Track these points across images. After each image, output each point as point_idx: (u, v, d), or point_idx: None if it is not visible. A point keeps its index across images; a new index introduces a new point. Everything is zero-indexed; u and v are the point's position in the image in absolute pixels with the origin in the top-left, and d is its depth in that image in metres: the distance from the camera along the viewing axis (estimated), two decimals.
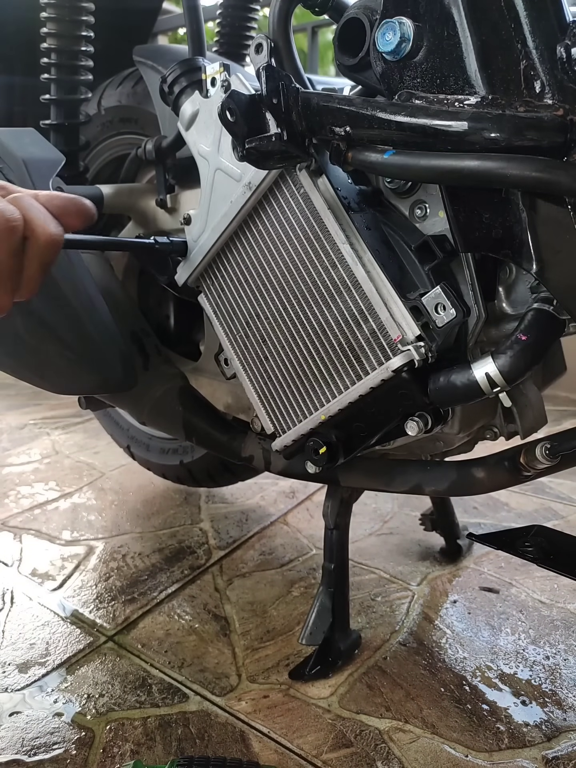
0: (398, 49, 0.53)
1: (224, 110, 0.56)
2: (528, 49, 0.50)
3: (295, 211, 0.65)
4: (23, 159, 0.81)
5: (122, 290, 0.96)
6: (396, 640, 0.92)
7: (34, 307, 0.85)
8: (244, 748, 0.74)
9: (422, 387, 0.60)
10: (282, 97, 0.54)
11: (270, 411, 0.75)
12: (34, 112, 1.06)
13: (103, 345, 0.82)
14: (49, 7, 0.92)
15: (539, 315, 0.55)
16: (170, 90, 0.79)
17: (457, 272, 0.60)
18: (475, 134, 0.48)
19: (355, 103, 0.53)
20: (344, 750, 0.73)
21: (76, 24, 0.94)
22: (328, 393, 0.68)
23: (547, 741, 0.75)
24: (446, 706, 0.80)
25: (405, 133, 0.50)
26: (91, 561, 1.15)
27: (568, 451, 0.60)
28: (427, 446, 0.75)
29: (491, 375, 0.56)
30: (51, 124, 0.98)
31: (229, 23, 1.14)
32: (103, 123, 1.09)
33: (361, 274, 0.61)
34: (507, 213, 0.52)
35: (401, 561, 1.13)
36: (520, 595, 1.03)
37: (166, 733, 0.76)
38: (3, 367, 0.97)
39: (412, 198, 0.63)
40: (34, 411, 2.04)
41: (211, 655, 0.89)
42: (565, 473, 1.42)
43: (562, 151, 0.47)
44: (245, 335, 0.74)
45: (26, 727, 0.77)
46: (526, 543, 0.65)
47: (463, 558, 1.14)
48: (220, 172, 0.71)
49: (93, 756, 0.73)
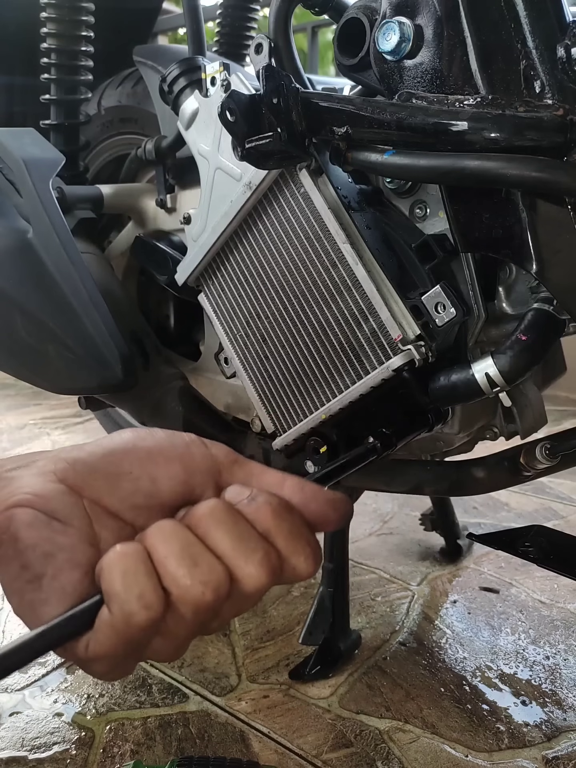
0: (398, 49, 0.53)
1: (224, 110, 0.56)
2: (528, 49, 0.50)
3: (296, 210, 0.65)
4: (23, 159, 0.81)
5: (122, 290, 0.96)
6: (396, 640, 0.92)
7: (34, 307, 0.85)
8: (244, 748, 0.74)
9: (423, 386, 0.60)
10: (282, 97, 0.54)
11: (270, 410, 0.75)
12: (34, 112, 1.06)
13: (103, 345, 0.82)
14: (49, 7, 0.92)
15: (539, 315, 0.55)
16: (170, 89, 0.79)
17: (457, 272, 0.60)
18: (475, 134, 0.47)
19: (355, 103, 0.53)
20: (344, 750, 0.73)
21: (76, 24, 0.94)
22: (328, 392, 0.68)
23: (547, 741, 0.75)
24: (446, 706, 0.80)
25: (405, 133, 0.50)
26: None
27: (568, 451, 0.60)
28: (427, 446, 0.75)
29: (491, 375, 0.56)
30: (51, 124, 0.98)
31: (229, 23, 1.14)
32: (103, 123, 1.09)
33: (362, 273, 0.61)
34: (507, 213, 0.52)
35: (401, 561, 1.13)
36: (520, 595, 1.03)
37: (166, 733, 0.76)
38: (3, 367, 0.97)
39: (412, 198, 0.63)
40: (34, 411, 2.04)
41: (211, 655, 0.89)
42: (565, 473, 1.42)
43: (562, 151, 0.47)
44: (245, 334, 0.74)
45: (26, 727, 0.77)
46: (526, 543, 0.65)
47: (463, 558, 1.14)
48: (220, 172, 0.71)
49: (93, 756, 0.73)
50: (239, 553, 0.34)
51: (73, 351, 0.83)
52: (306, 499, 0.39)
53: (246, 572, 0.34)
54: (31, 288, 0.84)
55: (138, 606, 0.32)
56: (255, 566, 0.34)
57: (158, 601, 0.33)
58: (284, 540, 0.36)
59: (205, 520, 0.35)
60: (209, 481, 0.39)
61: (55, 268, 0.82)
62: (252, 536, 0.35)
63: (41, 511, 0.35)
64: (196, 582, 0.33)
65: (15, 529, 0.34)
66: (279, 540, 0.36)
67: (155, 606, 0.33)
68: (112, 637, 0.33)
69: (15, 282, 0.85)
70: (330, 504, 0.39)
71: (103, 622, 0.33)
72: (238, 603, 0.36)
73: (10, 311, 0.87)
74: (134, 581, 0.33)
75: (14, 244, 0.84)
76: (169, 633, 0.35)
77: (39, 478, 0.37)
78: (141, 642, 0.34)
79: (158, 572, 0.34)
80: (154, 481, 0.38)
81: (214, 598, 0.33)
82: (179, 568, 0.33)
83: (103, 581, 0.34)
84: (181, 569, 0.33)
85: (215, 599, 0.34)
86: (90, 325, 0.81)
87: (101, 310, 0.82)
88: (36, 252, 0.82)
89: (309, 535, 0.38)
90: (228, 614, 0.36)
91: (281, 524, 0.36)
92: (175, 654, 0.36)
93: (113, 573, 0.33)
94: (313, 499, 0.39)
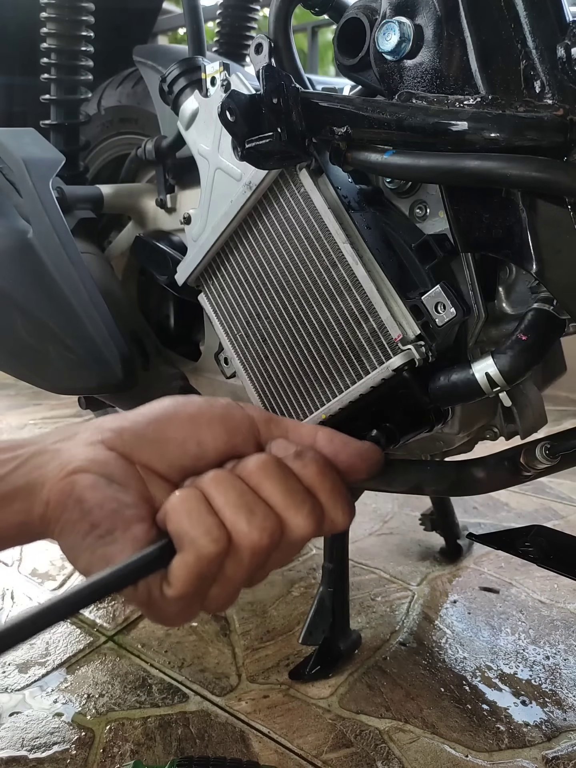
0: (398, 49, 0.53)
1: (224, 110, 0.56)
2: (528, 49, 0.50)
3: (296, 210, 0.65)
4: (23, 159, 0.81)
5: (122, 290, 0.96)
6: (396, 640, 0.92)
7: (34, 307, 0.85)
8: (244, 748, 0.74)
9: (423, 386, 0.60)
10: (282, 97, 0.54)
11: (270, 410, 0.75)
12: (34, 112, 1.06)
13: (103, 345, 0.82)
14: (49, 7, 0.92)
15: (539, 315, 0.55)
16: (170, 89, 0.79)
17: (457, 272, 0.60)
18: (475, 134, 0.47)
19: (355, 103, 0.53)
20: (344, 750, 0.73)
21: (76, 24, 0.94)
22: (328, 392, 0.68)
23: (547, 741, 0.75)
24: (446, 706, 0.80)
25: (405, 133, 0.50)
26: None
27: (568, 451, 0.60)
28: (427, 446, 0.75)
29: (491, 375, 0.56)
30: (51, 124, 0.98)
31: (229, 23, 1.14)
32: (103, 123, 1.09)
33: (362, 273, 0.61)
34: (507, 213, 0.52)
35: (401, 561, 1.13)
36: (520, 595, 1.03)
37: (166, 733, 0.76)
38: (3, 367, 0.97)
39: (412, 198, 0.63)
40: (34, 411, 2.04)
41: (211, 655, 0.89)
42: (565, 473, 1.42)
43: (562, 151, 0.47)
44: (246, 334, 0.74)
45: (26, 727, 0.77)
46: (526, 543, 0.65)
47: (463, 558, 1.14)
48: (220, 172, 0.71)
49: (93, 756, 0.73)
50: (290, 505, 0.38)
51: (73, 351, 0.83)
52: (336, 449, 0.42)
53: (295, 522, 0.38)
54: (31, 288, 0.84)
55: (206, 540, 0.35)
56: (303, 517, 0.38)
57: (223, 536, 0.36)
58: (326, 495, 0.39)
59: (257, 472, 0.38)
60: (250, 438, 0.42)
61: (55, 268, 0.82)
62: (300, 490, 0.39)
63: (100, 475, 0.37)
64: (254, 528, 0.36)
65: (79, 492, 0.37)
66: (322, 494, 0.39)
67: (221, 540, 0.36)
68: (184, 575, 0.35)
69: (15, 282, 0.85)
70: (358, 454, 0.43)
71: (175, 562, 0.36)
72: (284, 551, 0.39)
73: (10, 311, 0.87)
74: (199, 519, 0.36)
75: (14, 244, 0.84)
76: (225, 580, 0.37)
77: (89, 448, 0.39)
78: (209, 579, 0.37)
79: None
80: (199, 444, 0.40)
81: (270, 543, 0.37)
82: (238, 514, 0.36)
83: (170, 523, 0.36)
84: (240, 516, 0.36)
85: (270, 544, 0.37)
86: (90, 325, 0.81)
87: (101, 310, 0.82)
88: (36, 252, 0.82)
89: (346, 490, 0.41)
90: (275, 562, 0.40)
91: (324, 481, 0.40)
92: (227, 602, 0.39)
93: (180, 514, 0.36)
94: (343, 449, 0.42)
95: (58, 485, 0.37)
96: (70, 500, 0.37)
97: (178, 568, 0.36)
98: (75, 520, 0.37)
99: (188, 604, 0.37)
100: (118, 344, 0.82)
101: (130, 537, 0.36)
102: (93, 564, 0.36)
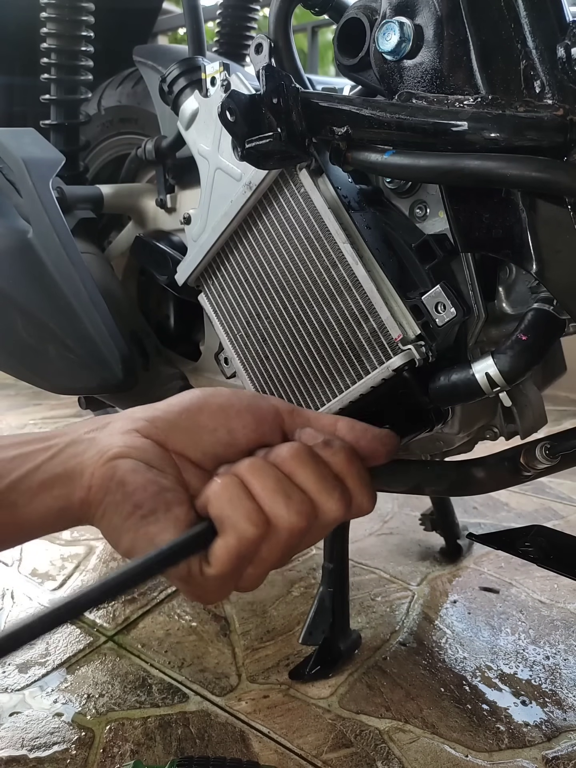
0: (398, 49, 0.53)
1: (224, 110, 0.56)
2: (528, 49, 0.50)
3: (296, 210, 0.65)
4: (23, 159, 0.81)
5: (122, 290, 0.96)
6: (396, 640, 0.92)
7: (34, 307, 0.85)
8: (244, 748, 0.74)
9: (423, 386, 0.60)
10: (282, 97, 0.54)
11: None
12: (34, 112, 1.06)
13: (103, 345, 0.82)
14: (49, 7, 0.92)
15: (539, 315, 0.55)
16: (170, 89, 0.79)
17: (457, 272, 0.60)
18: (475, 134, 0.47)
19: (355, 103, 0.53)
20: (344, 750, 0.73)
21: (76, 24, 0.94)
22: (329, 392, 0.68)
23: (547, 741, 0.75)
24: (446, 706, 0.80)
25: (405, 133, 0.50)
26: (91, 561, 1.15)
27: (568, 451, 0.60)
28: (427, 446, 0.75)
29: (491, 375, 0.56)
30: (51, 124, 0.98)
31: (229, 23, 1.14)
32: (103, 123, 1.09)
33: (362, 273, 0.61)
34: (507, 213, 0.52)
35: (401, 561, 1.13)
36: (520, 595, 1.03)
37: (166, 733, 0.76)
38: (3, 367, 0.97)
39: (412, 198, 0.63)
40: (34, 411, 2.04)
41: (211, 655, 0.89)
42: (565, 473, 1.42)
43: (562, 151, 0.47)
44: (246, 334, 0.74)
45: (26, 727, 0.77)
46: (526, 543, 0.65)
47: (463, 558, 1.14)
48: (220, 172, 0.71)
49: (93, 756, 0.73)
50: (322, 490, 0.40)
51: (73, 351, 0.83)
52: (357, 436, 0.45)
53: (328, 506, 0.40)
54: (32, 288, 0.84)
55: (247, 524, 0.38)
56: (335, 502, 0.41)
57: (263, 520, 0.38)
58: (354, 480, 0.42)
59: (291, 460, 0.41)
60: (276, 427, 0.45)
61: (55, 268, 0.82)
62: (330, 476, 0.41)
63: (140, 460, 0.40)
64: (292, 512, 0.39)
65: (121, 476, 0.39)
66: (349, 480, 0.42)
67: (261, 524, 0.38)
68: (225, 555, 0.38)
69: (15, 282, 0.85)
70: (378, 440, 0.46)
71: (217, 544, 0.38)
72: (315, 534, 0.42)
73: (10, 311, 0.87)
74: (240, 504, 0.38)
75: (14, 244, 0.84)
76: (260, 561, 0.40)
77: (125, 436, 0.41)
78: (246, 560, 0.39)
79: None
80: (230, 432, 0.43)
81: (306, 525, 0.39)
82: (276, 500, 0.39)
83: (212, 507, 0.39)
84: (278, 501, 0.39)
85: (307, 526, 0.40)
86: (90, 326, 0.81)
87: (101, 310, 0.82)
88: (36, 252, 0.82)
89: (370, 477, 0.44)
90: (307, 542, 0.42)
91: (352, 467, 0.43)
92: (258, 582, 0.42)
93: (221, 500, 0.39)
94: (363, 436, 0.45)
95: (99, 470, 0.39)
96: (113, 483, 0.39)
97: (220, 550, 0.38)
98: (118, 501, 0.38)
99: (225, 582, 0.40)
100: (118, 344, 0.83)
101: (171, 518, 0.38)
102: (137, 543, 0.38)
